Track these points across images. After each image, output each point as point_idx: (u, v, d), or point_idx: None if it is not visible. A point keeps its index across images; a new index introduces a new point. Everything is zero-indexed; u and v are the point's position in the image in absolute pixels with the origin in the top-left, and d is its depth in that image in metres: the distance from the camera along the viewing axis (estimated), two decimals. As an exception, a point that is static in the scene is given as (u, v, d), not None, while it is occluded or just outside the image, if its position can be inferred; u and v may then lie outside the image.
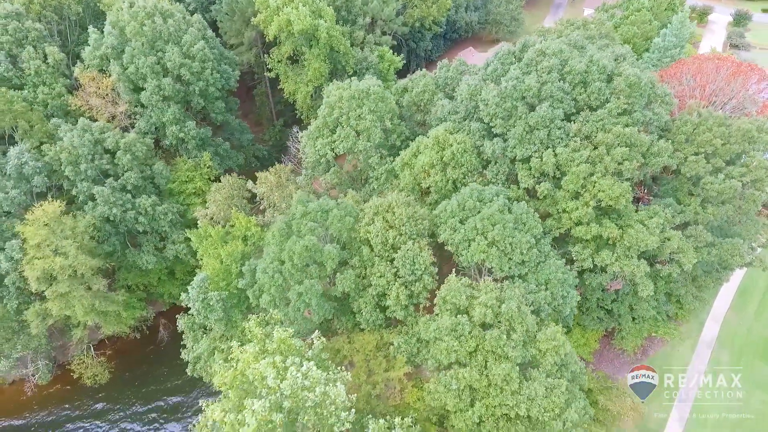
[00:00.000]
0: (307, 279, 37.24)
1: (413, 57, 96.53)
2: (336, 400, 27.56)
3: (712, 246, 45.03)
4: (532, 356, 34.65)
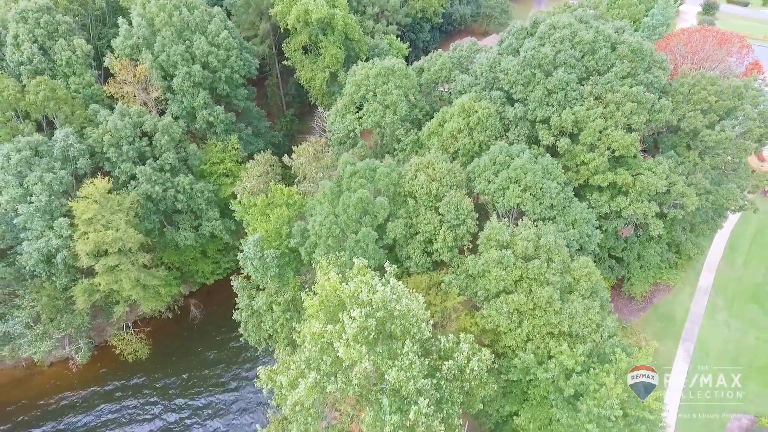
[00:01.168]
0: (363, 227, 41.44)
1: (413, 48, 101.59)
2: (417, 312, 31.79)
3: (709, 193, 50.88)
4: (568, 283, 39.47)
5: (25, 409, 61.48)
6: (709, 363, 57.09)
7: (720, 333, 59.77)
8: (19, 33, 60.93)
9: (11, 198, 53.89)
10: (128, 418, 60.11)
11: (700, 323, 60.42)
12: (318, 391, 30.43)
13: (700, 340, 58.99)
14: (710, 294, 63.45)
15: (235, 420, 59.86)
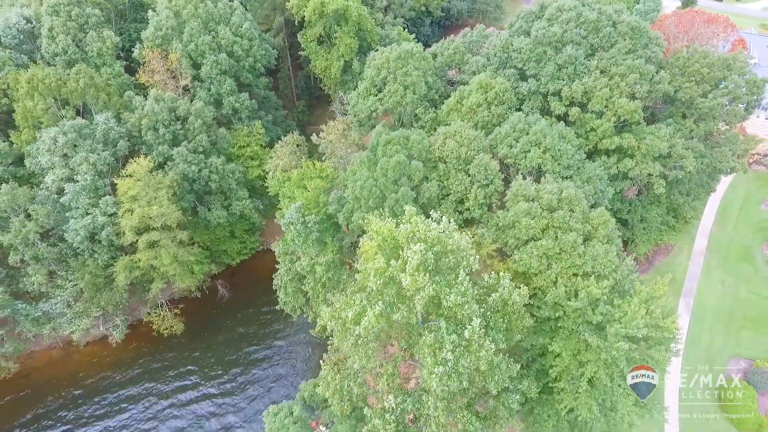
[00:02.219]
0: (401, 188, 45.73)
1: (415, 41, 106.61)
2: (466, 247, 36.10)
3: (704, 157, 56.37)
4: (588, 231, 44.16)
5: (65, 387, 63.98)
6: (707, 315, 62.53)
7: (716, 289, 65.30)
8: (54, 25, 64.04)
9: (57, 178, 56.96)
10: (170, 388, 63.10)
11: (697, 280, 65.91)
12: (384, 319, 34.44)
13: (699, 294, 64.43)
14: (705, 255, 69.08)
15: (271, 384, 63.40)
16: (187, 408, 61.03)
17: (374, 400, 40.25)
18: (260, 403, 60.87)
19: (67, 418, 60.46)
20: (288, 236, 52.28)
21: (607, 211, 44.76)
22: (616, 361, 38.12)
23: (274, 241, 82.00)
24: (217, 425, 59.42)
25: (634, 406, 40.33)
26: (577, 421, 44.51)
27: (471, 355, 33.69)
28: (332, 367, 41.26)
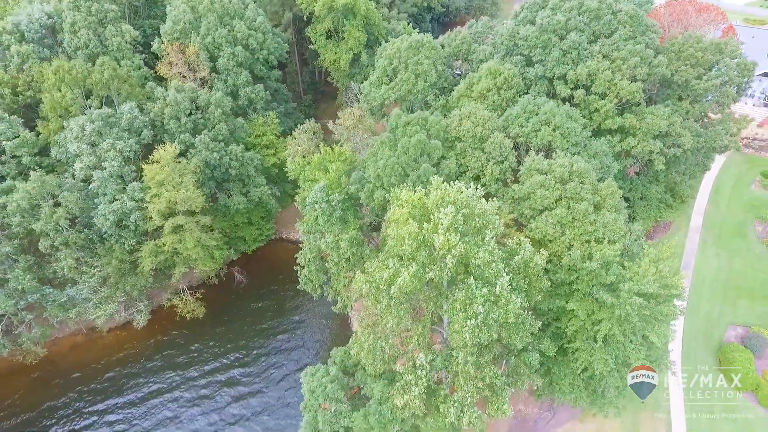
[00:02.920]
0: (423, 164, 48.72)
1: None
2: (492, 211, 39.13)
3: (700, 136, 60.16)
4: (597, 201, 47.45)
5: (90, 371, 65.66)
6: (705, 287, 66.17)
7: (712, 262, 69.04)
8: (76, 20, 66.23)
9: (85, 165, 59.10)
10: (194, 366, 65.14)
11: (695, 255, 69.59)
12: (418, 278, 37.24)
13: (696, 268, 68.07)
14: (701, 232, 72.88)
15: (293, 358, 65.98)
16: (213, 382, 63.08)
17: (403, 362, 42.96)
18: (283, 374, 63.61)
19: (93, 401, 62.07)
20: (311, 216, 54.87)
21: (614, 184, 48.10)
22: (628, 317, 41.27)
23: (286, 230, 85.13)
24: (243, 403, 61.61)
25: (646, 360, 43.48)
26: (591, 380, 47.63)
27: (500, 309, 36.63)
28: (365, 329, 43.93)
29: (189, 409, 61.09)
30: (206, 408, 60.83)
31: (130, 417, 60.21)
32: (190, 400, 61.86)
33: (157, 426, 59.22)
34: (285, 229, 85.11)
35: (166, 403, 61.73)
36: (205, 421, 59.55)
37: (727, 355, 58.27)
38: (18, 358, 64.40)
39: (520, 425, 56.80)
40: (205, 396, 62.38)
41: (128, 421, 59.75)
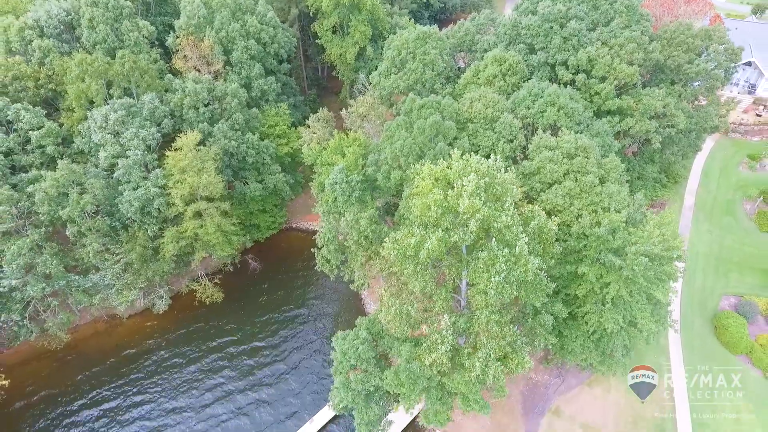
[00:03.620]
0: (439, 143, 51.89)
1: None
2: (510, 180, 42.35)
3: (692, 117, 64.20)
4: (602, 175, 50.98)
5: (113, 351, 67.57)
6: (699, 260, 70.19)
7: (705, 238, 73.22)
8: (94, 15, 68.43)
9: (109, 154, 61.29)
10: (215, 347, 67.38)
11: (689, 231, 73.70)
12: (444, 242, 40.20)
13: (691, 243, 72.13)
14: (694, 210, 77.10)
15: (312, 336, 68.79)
16: (234, 363, 65.39)
17: (428, 325, 45.94)
18: (303, 353, 66.23)
19: (117, 377, 63.74)
20: (330, 197, 57.65)
21: (616, 158, 51.73)
22: (635, 277, 44.71)
23: (296, 220, 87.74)
24: (264, 377, 63.97)
25: (651, 317, 46.99)
26: (600, 341, 51.02)
27: (520, 268, 39.81)
28: (391, 296, 46.86)
29: (212, 379, 63.43)
30: (229, 380, 63.14)
31: (155, 390, 62.32)
32: (213, 370, 64.21)
33: (185, 397, 61.38)
34: (295, 219, 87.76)
35: (190, 376, 63.94)
36: (229, 390, 61.86)
37: (722, 321, 62.19)
38: (43, 344, 66.20)
39: (532, 391, 60.06)
40: (227, 366, 64.70)
41: (154, 394, 61.85)
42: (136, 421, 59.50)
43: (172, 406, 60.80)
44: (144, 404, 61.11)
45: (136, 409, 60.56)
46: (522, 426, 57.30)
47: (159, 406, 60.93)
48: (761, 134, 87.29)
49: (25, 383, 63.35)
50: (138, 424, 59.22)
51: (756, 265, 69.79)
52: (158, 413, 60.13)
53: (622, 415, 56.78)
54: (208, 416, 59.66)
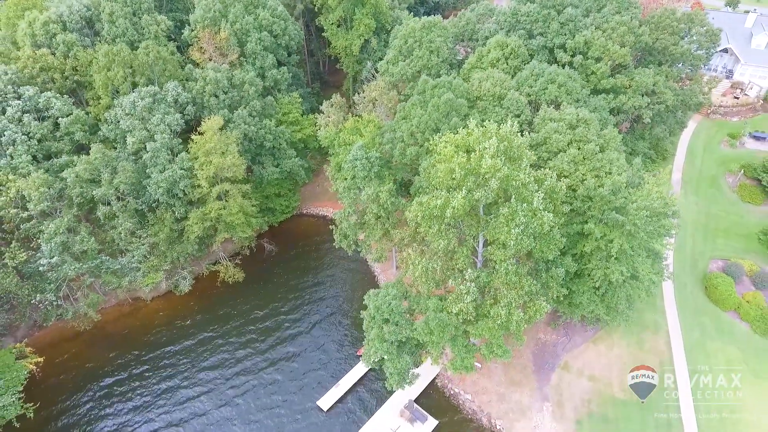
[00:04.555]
0: (453, 119, 56.36)
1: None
2: (525, 144, 46.93)
3: (678, 95, 69.85)
4: (601, 144, 55.95)
5: (140, 329, 70.50)
6: (688, 228, 75.74)
7: (692, 208, 78.92)
8: (114, 10, 71.67)
9: (137, 140, 64.47)
10: (239, 320, 70.72)
11: (678, 202, 79.14)
12: (468, 200, 44.43)
13: (680, 212, 77.50)
14: (681, 184, 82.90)
15: (331, 303, 73.30)
16: (259, 335, 68.76)
17: (453, 281, 50.11)
18: (324, 325, 70.04)
19: (144, 360, 66.65)
20: (349, 173, 61.68)
21: (614, 129, 56.83)
22: (636, 231, 49.58)
23: (307, 206, 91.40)
24: (289, 347, 67.47)
25: (651, 269, 51.96)
26: (605, 295, 55.80)
27: (536, 221, 44.33)
28: (417, 255, 51.05)
29: (241, 350, 66.96)
30: (256, 352, 66.70)
31: (182, 362, 65.67)
32: (241, 344, 67.58)
33: (215, 368, 64.67)
34: (305, 205, 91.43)
35: (217, 347, 67.38)
36: (256, 362, 65.33)
37: (711, 282, 67.70)
38: (72, 325, 68.82)
39: (542, 350, 64.67)
40: (254, 339, 68.21)
41: (184, 365, 65.10)
42: (168, 391, 62.58)
43: (203, 377, 64.07)
44: (174, 377, 64.24)
45: (166, 382, 63.65)
46: (534, 381, 61.82)
47: (191, 376, 64.14)
48: (739, 115, 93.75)
49: (57, 361, 65.91)
50: (171, 392, 62.32)
51: (739, 232, 75.65)
52: (189, 384, 63.25)
53: (625, 368, 61.58)
54: (237, 385, 62.96)
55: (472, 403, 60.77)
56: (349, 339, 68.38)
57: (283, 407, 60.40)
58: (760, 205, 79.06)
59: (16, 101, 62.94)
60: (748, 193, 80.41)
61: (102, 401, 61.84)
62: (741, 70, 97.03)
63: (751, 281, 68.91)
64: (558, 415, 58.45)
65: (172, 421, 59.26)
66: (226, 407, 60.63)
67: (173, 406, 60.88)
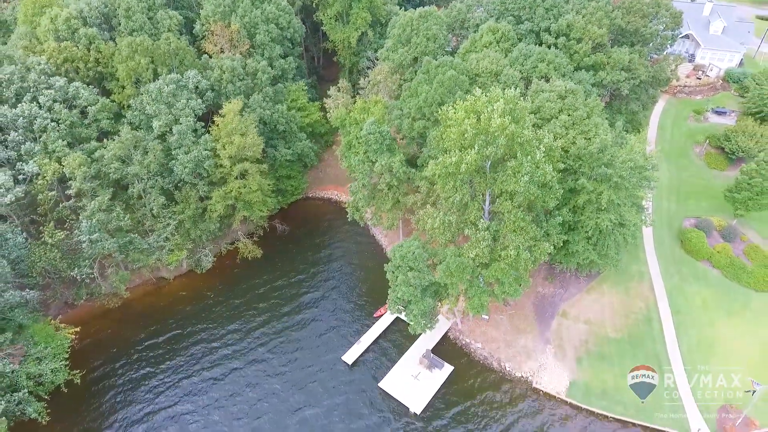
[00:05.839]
0: (457, 92, 63.20)
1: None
2: (527, 107, 54.03)
3: (650, 71, 78.51)
4: (587, 111, 63.59)
5: (168, 307, 74.74)
6: (663, 192, 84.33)
7: (666, 174, 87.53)
8: (131, 5, 76.38)
9: (163, 123, 69.24)
10: (263, 288, 75.91)
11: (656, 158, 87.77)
12: (480, 155, 51.01)
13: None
14: (654, 152, 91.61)
15: (345, 271, 79.38)
16: (283, 295, 74.21)
17: (468, 230, 56.53)
18: (340, 291, 75.88)
19: (173, 328, 71.07)
20: (362, 148, 67.79)
21: (597, 98, 64.65)
22: (623, 182, 57.15)
23: (312, 190, 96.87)
24: (311, 313, 72.90)
25: (636, 216, 59.65)
26: (597, 244, 63.23)
27: (539, 171, 51.35)
28: (435, 209, 57.58)
29: (266, 312, 72.43)
30: (280, 312, 72.53)
31: (212, 326, 70.80)
32: (266, 308, 73.05)
33: (242, 330, 69.84)
34: (311, 190, 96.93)
35: (242, 312, 72.70)
36: (281, 321, 70.92)
37: (686, 236, 76.14)
38: (102, 304, 72.77)
39: (541, 301, 71.79)
40: (277, 304, 73.68)
41: (214, 329, 70.14)
42: (202, 352, 67.39)
43: (233, 338, 69.21)
44: (206, 340, 69.08)
45: (200, 345, 68.44)
46: (536, 328, 68.86)
47: (222, 337, 69.33)
48: (702, 93, 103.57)
49: (91, 336, 69.64)
50: (204, 353, 67.10)
51: (708, 194, 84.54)
52: (222, 344, 68.33)
53: (616, 311, 69.42)
54: (265, 342, 68.37)
55: (483, 350, 67.33)
56: (365, 302, 74.20)
57: (312, 362, 65.79)
58: (724, 170, 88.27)
59: (48, 90, 67.01)
60: (713, 160, 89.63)
61: (139, 364, 66.10)
62: (701, 53, 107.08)
63: (719, 235, 77.56)
64: (560, 355, 65.53)
65: (212, 376, 64.09)
66: (258, 363, 65.81)
67: (209, 364, 65.83)
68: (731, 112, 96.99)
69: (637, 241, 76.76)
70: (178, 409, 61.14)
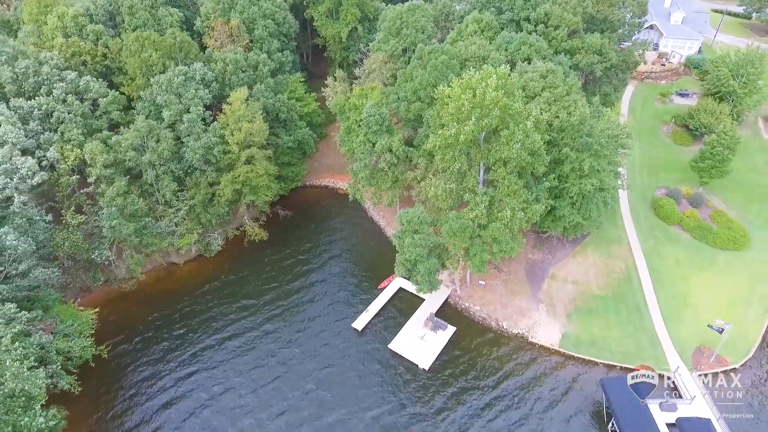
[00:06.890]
0: (449, 75, 69.13)
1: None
2: (518, 82, 60.10)
3: (620, 55, 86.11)
4: (567, 89, 70.28)
5: (179, 289, 78.30)
6: (636, 166, 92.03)
7: (638, 152, 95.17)
8: (133, 3, 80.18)
9: (174, 113, 73.18)
10: (271, 266, 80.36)
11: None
12: (477, 126, 56.77)
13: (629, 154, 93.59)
14: (628, 127, 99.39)
15: (347, 248, 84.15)
16: (292, 278, 78.59)
17: (468, 195, 62.19)
18: (344, 264, 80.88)
19: (189, 304, 74.82)
20: (363, 130, 73.05)
21: (575, 77, 71.49)
22: (602, 149, 63.87)
23: (309, 179, 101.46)
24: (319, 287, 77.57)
25: (614, 181, 66.49)
26: (581, 209, 69.80)
27: (530, 139, 57.48)
28: (435, 179, 63.18)
29: (275, 287, 77.10)
30: (289, 285, 77.26)
31: (225, 296, 75.24)
32: (275, 284, 77.54)
33: (254, 297, 74.30)
34: (309, 178, 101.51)
35: (254, 286, 77.11)
36: (293, 293, 75.52)
37: (659, 203, 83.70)
38: (117, 287, 75.93)
39: (532, 267, 78.07)
40: (285, 280, 78.26)
41: (227, 299, 74.54)
42: (217, 317, 71.74)
43: (245, 304, 73.53)
44: (220, 305, 73.50)
45: (214, 310, 72.93)
46: (529, 290, 75.04)
47: (236, 302, 73.69)
48: (666, 78, 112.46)
49: (108, 317, 72.71)
50: (220, 318, 71.34)
51: (676, 167, 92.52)
52: (236, 309, 72.79)
53: (599, 272, 76.20)
54: (276, 316, 72.64)
55: (481, 312, 73.13)
56: (368, 276, 79.22)
57: (325, 329, 70.47)
58: (689, 146, 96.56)
59: (60, 84, 70.30)
60: (679, 137, 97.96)
61: (158, 338, 69.64)
62: (664, 42, 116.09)
63: (688, 202, 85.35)
64: (551, 312, 71.81)
65: (229, 346, 68.31)
66: (272, 333, 70.23)
67: (227, 334, 69.99)
68: (693, 94, 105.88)
69: (616, 210, 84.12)
70: (200, 377, 64.98)
